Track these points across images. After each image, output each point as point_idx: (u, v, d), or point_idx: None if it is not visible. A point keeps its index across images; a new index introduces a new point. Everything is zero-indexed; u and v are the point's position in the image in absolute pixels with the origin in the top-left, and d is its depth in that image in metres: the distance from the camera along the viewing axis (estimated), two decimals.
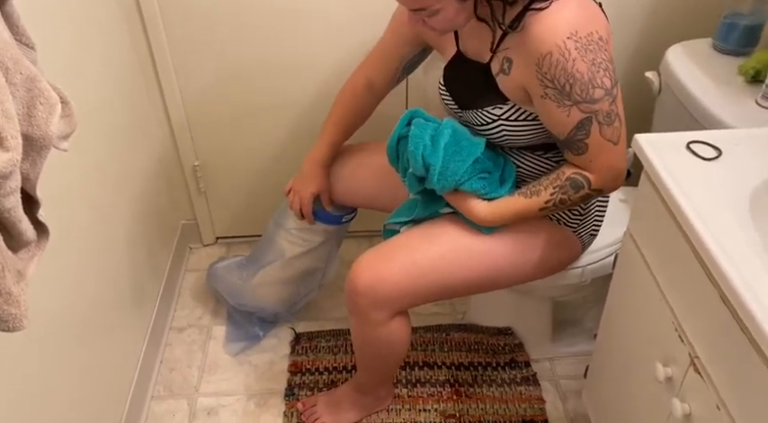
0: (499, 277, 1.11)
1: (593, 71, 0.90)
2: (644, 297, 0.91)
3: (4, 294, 0.64)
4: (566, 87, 0.92)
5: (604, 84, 0.92)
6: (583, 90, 0.91)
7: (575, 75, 0.90)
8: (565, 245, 1.14)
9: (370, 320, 1.11)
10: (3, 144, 0.62)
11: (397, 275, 1.07)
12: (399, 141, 1.11)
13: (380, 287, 1.07)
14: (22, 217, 0.70)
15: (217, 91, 1.53)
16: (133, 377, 1.35)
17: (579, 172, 1.00)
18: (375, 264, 1.08)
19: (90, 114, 1.17)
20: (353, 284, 1.09)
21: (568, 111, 0.94)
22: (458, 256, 1.07)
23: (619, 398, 1.03)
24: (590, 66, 0.90)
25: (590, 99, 0.92)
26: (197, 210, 1.75)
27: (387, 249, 1.10)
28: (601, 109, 0.93)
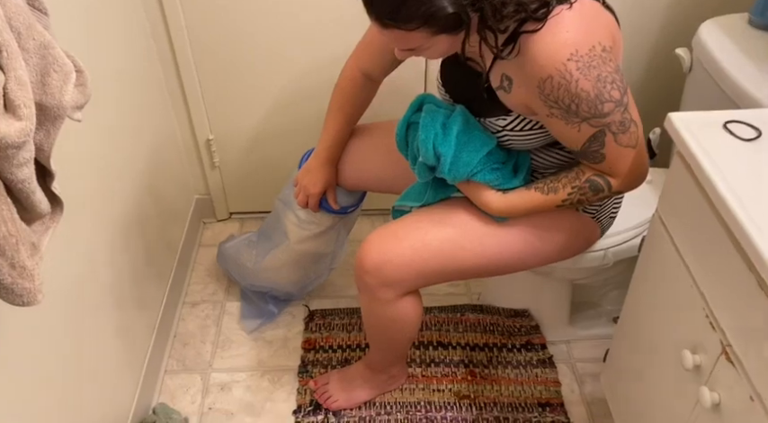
0: (511, 262, 1.08)
1: (600, 87, 0.85)
2: (672, 282, 0.88)
3: (18, 268, 0.62)
4: (571, 107, 0.87)
5: (613, 96, 0.87)
6: (591, 107, 0.87)
7: (580, 94, 0.85)
8: (582, 229, 1.10)
9: (379, 299, 1.09)
10: (16, 112, 0.60)
11: (406, 256, 1.04)
12: (409, 128, 1.07)
13: (388, 267, 1.05)
14: (36, 189, 0.68)
15: (232, 64, 1.50)
16: (147, 351, 1.35)
17: (599, 175, 0.96)
18: (384, 243, 1.06)
19: (103, 85, 1.15)
20: (361, 263, 1.07)
21: (578, 127, 0.89)
22: (468, 240, 1.04)
23: (640, 384, 1.00)
24: (595, 83, 0.85)
25: (599, 114, 0.87)
26: (211, 184, 1.74)
27: (396, 229, 1.08)
28: (613, 121, 0.88)
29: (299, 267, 1.44)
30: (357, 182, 1.30)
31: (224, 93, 1.56)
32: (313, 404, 1.35)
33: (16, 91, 0.60)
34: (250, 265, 1.47)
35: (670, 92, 1.48)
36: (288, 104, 1.58)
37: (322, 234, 1.37)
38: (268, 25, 1.44)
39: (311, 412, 1.33)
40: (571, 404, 1.34)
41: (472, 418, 1.32)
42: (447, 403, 1.34)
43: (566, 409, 1.33)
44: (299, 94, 1.56)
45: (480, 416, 1.32)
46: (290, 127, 1.62)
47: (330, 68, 1.50)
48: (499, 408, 1.33)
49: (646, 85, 1.54)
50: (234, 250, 1.52)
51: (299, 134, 1.62)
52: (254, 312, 1.53)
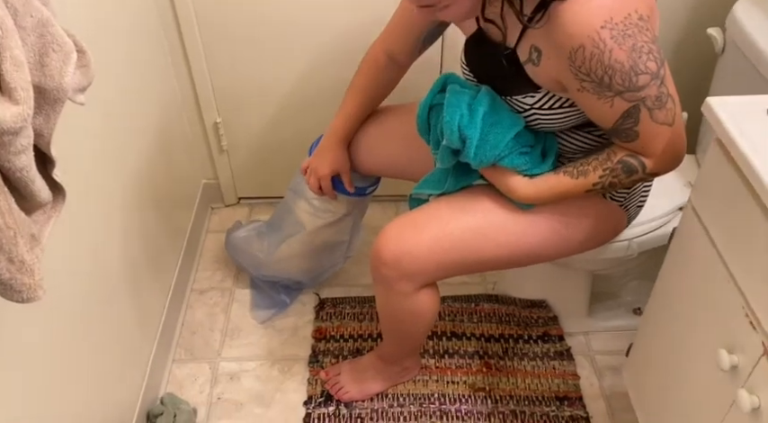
0: (535, 253, 1.03)
1: (635, 58, 0.79)
2: (707, 277, 0.84)
3: (16, 262, 0.59)
4: (604, 79, 0.81)
5: (649, 68, 0.81)
6: (625, 79, 0.81)
7: (613, 66, 0.80)
8: (610, 218, 1.06)
9: (396, 291, 1.05)
10: (12, 96, 0.55)
11: (426, 247, 1.00)
12: (431, 110, 1.01)
13: (407, 259, 1.00)
14: (35, 177, 0.64)
15: (240, 45, 1.45)
16: (154, 339, 1.32)
17: (632, 154, 0.90)
18: (403, 234, 1.01)
19: (106, 67, 1.10)
20: (379, 254, 1.02)
21: (611, 102, 0.84)
22: (491, 230, 1.00)
23: (668, 381, 0.96)
24: (630, 53, 0.79)
25: (634, 87, 0.82)
26: (219, 169, 1.69)
27: (416, 219, 1.03)
28: (648, 95, 0.83)
29: (314, 257, 1.40)
30: (371, 167, 1.25)
31: (232, 74, 1.50)
32: (324, 395, 1.32)
33: (12, 73, 0.56)
34: (262, 255, 1.43)
35: (699, 74, 1.42)
36: (298, 87, 1.53)
37: (337, 222, 1.32)
38: (279, 3, 1.38)
39: (322, 403, 1.31)
40: (590, 398, 1.31)
41: (487, 411, 1.28)
42: (461, 396, 1.31)
43: (584, 402, 1.30)
44: (310, 76, 1.51)
45: (496, 409, 1.29)
46: (300, 110, 1.57)
47: (343, 49, 1.46)
48: (515, 401, 1.30)
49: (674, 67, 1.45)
50: (244, 240, 1.48)
51: (310, 117, 1.57)
52: (265, 302, 1.50)
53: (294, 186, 1.34)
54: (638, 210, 1.11)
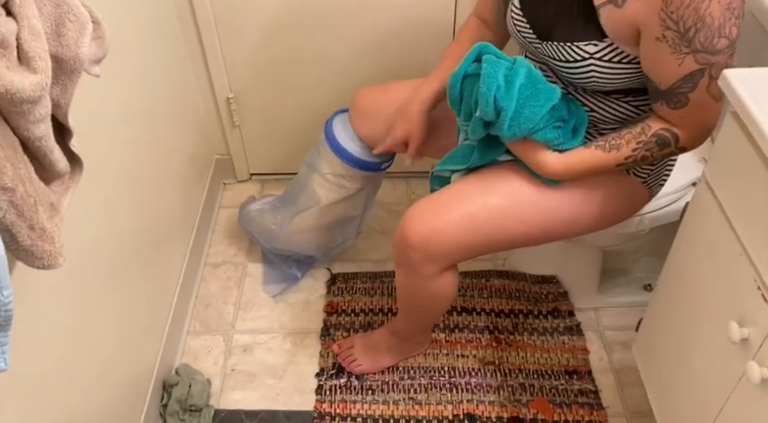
0: (560, 229, 1.03)
1: (726, 18, 0.78)
2: (719, 251, 0.83)
3: (37, 230, 0.60)
4: (690, 32, 0.80)
5: (731, 33, 0.80)
6: (707, 38, 0.80)
7: (705, 18, 0.78)
8: (632, 195, 1.05)
9: (421, 274, 1.04)
10: (30, 65, 0.56)
11: (453, 228, 0.99)
12: (464, 80, 0.98)
13: (435, 241, 0.99)
14: (53, 147, 0.65)
15: (253, 19, 1.45)
16: (169, 312, 1.34)
17: (668, 128, 0.89)
18: (429, 216, 1.00)
19: (120, 41, 1.10)
20: (405, 237, 1.00)
21: (683, 59, 0.82)
22: (518, 208, 0.99)
23: (678, 354, 0.97)
24: (724, 10, 0.78)
25: (711, 49, 0.80)
26: (231, 145, 1.70)
27: (441, 200, 1.01)
28: (718, 62, 0.82)
29: (328, 231, 1.41)
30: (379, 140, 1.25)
31: (244, 49, 1.50)
32: (336, 367, 1.34)
33: (30, 42, 0.56)
34: (275, 228, 1.44)
35: None
36: (311, 61, 1.52)
37: (351, 197, 1.33)
38: None
39: (334, 375, 1.33)
40: (599, 372, 1.32)
41: (497, 384, 1.30)
42: (471, 369, 1.33)
43: (593, 376, 1.31)
44: (323, 50, 1.50)
45: (505, 382, 1.30)
46: (313, 85, 1.57)
47: (355, 25, 1.45)
48: (524, 374, 1.31)
49: None
50: (258, 213, 1.49)
51: (323, 92, 1.57)
52: (277, 276, 1.51)
53: (310, 161, 1.34)
54: (660, 187, 1.10)
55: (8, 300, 0.49)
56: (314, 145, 1.33)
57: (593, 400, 1.27)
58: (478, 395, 1.28)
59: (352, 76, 1.53)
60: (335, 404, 1.28)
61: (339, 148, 1.26)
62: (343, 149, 1.26)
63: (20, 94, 0.54)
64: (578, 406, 1.26)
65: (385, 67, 1.52)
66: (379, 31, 1.47)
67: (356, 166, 1.27)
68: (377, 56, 1.51)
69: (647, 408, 1.08)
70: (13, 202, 0.56)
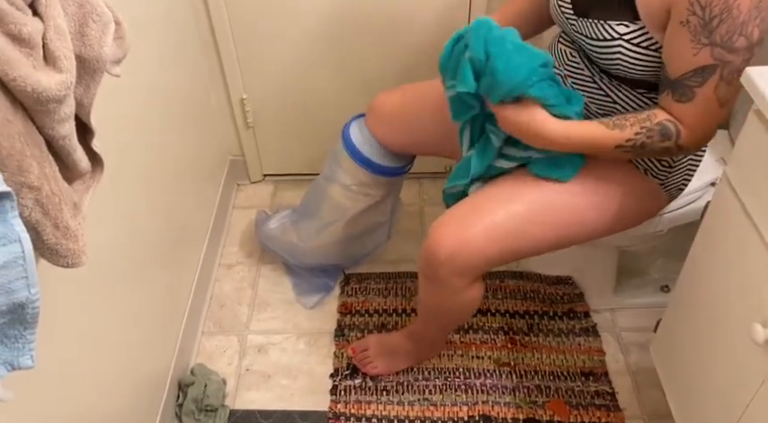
0: (583, 233, 1.02)
1: (753, 15, 0.78)
2: (742, 251, 0.83)
3: (62, 228, 0.60)
4: (713, 21, 0.79)
5: (753, 34, 0.79)
6: (729, 32, 0.79)
7: (732, 10, 0.78)
8: (650, 197, 1.04)
9: (449, 288, 1.04)
10: (56, 64, 0.57)
11: (481, 241, 0.97)
12: (456, 43, 0.95)
13: (464, 255, 0.98)
14: (76, 146, 0.66)
15: (267, 22, 1.45)
16: (184, 312, 1.35)
17: (674, 121, 0.89)
18: (456, 230, 0.98)
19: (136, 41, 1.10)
20: (434, 253, 0.99)
21: (699, 50, 0.82)
22: (542, 214, 0.98)
23: (698, 356, 0.96)
24: (753, 7, 0.77)
25: (729, 46, 0.80)
26: (244, 145, 1.70)
27: (465, 213, 1.00)
28: (732, 62, 0.81)
29: (357, 240, 1.41)
30: (405, 146, 1.25)
31: (258, 50, 1.51)
32: (350, 368, 1.34)
33: (56, 41, 0.57)
34: (302, 244, 1.42)
35: None
36: (326, 62, 1.53)
37: (378, 203, 1.33)
38: None
39: (348, 376, 1.32)
40: (615, 374, 1.31)
41: (512, 385, 1.29)
42: (486, 370, 1.32)
43: (610, 378, 1.30)
44: (338, 52, 1.51)
45: (521, 383, 1.29)
46: (327, 86, 1.57)
47: (369, 27, 1.45)
48: (540, 376, 1.31)
49: None
50: (279, 230, 1.47)
51: (338, 94, 1.57)
52: (309, 287, 1.49)
53: (328, 173, 1.33)
54: (680, 192, 1.09)
55: (35, 297, 0.49)
56: (330, 155, 1.32)
57: (609, 402, 1.26)
58: (494, 396, 1.27)
59: (365, 78, 1.54)
60: (350, 405, 1.28)
61: (361, 158, 1.25)
62: (366, 158, 1.25)
63: (46, 93, 0.55)
64: (595, 408, 1.25)
65: (400, 70, 1.51)
66: (396, 34, 1.47)
67: (380, 173, 1.26)
68: (392, 59, 1.51)
69: (664, 410, 1.07)
70: (39, 200, 0.56)
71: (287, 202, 1.72)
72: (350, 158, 1.26)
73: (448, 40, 0.98)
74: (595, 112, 1.01)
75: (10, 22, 0.51)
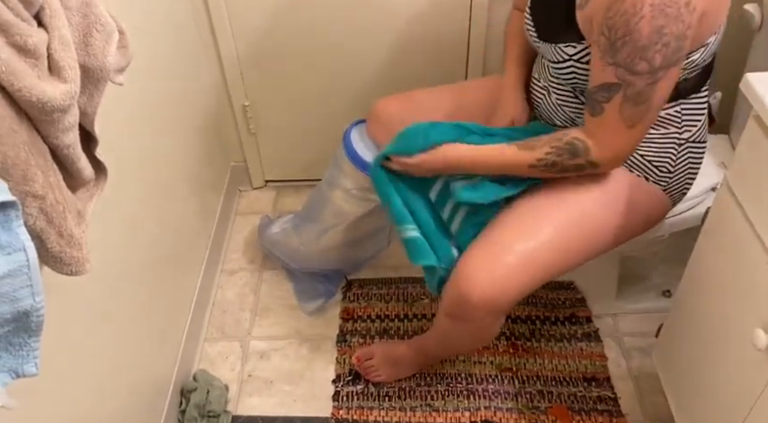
0: (604, 246, 1.02)
1: (653, 40, 0.80)
2: (743, 256, 0.83)
3: (66, 236, 0.61)
4: (617, 43, 0.82)
5: (654, 60, 0.82)
6: (630, 55, 0.82)
7: (633, 34, 0.81)
8: (655, 203, 1.05)
9: (478, 327, 1.04)
10: (60, 74, 0.57)
11: (516, 279, 0.96)
12: None
13: (502, 298, 0.97)
14: (80, 155, 0.66)
15: (268, 29, 1.46)
16: (187, 318, 1.35)
17: (582, 138, 0.92)
18: (488, 271, 0.95)
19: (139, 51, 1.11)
20: (467, 297, 0.96)
21: (605, 67, 0.85)
22: (563, 241, 0.98)
23: (700, 361, 0.96)
24: (653, 32, 0.80)
25: (631, 68, 0.83)
26: (247, 152, 1.71)
27: (493, 251, 0.97)
28: (634, 83, 0.84)
29: (358, 244, 1.42)
30: None
31: (260, 58, 1.52)
32: (352, 373, 1.34)
33: (60, 51, 0.57)
34: (303, 248, 1.43)
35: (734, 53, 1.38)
36: (326, 70, 1.53)
37: (378, 209, 1.32)
38: None
39: (351, 382, 1.33)
40: (618, 379, 1.31)
41: (515, 390, 1.29)
42: (488, 375, 1.32)
43: (612, 383, 1.30)
44: (338, 59, 1.51)
45: (523, 389, 1.29)
46: (328, 94, 1.58)
47: (372, 34, 1.46)
48: (542, 381, 1.31)
49: None
50: (281, 235, 1.48)
51: (338, 101, 1.58)
52: (311, 293, 1.50)
53: (329, 178, 1.34)
54: (682, 196, 1.09)
55: (40, 305, 0.50)
56: (332, 161, 1.33)
57: (612, 408, 1.26)
58: (496, 402, 1.27)
59: (366, 84, 1.54)
60: (353, 410, 1.28)
61: (362, 163, 1.25)
62: (367, 163, 1.25)
63: (51, 102, 0.55)
64: (597, 413, 1.25)
65: (400, 77, 1.52)
66: (396, 40, 1.48)
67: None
68: (392, 65, 1.52)
69: (666, 415, 1.07)
70: (43, 209, 0.57)
71: (288, 207, 1.73)
72: (351, 163, 1.27)
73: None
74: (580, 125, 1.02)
75: (15, 33, 0.52)
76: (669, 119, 0.98)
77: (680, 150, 1.00)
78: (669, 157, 1.00)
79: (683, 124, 0.99)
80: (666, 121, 0.98)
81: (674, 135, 0.99)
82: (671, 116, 0.98)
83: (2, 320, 0.48)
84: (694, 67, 0.91)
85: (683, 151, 1.01)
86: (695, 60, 0.90)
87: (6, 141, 0.52)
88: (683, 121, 0.98)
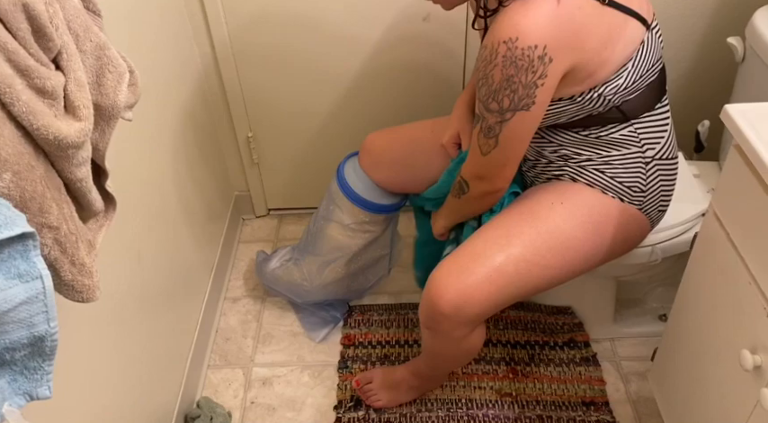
0: (580, 266, 1.05)
1: (503, 86, 0.88)
2: (729, 280, 0.85)
3: (78, 265, 0.64)
4: (480, 81, 0.91)
5: (502, 102, 0.90)
6: (486, 95, 0.91)
7: (488, 78, 0.89)
8: (633, 223, 1.07)
9: (452, 338, 1.06)
10: (75, 113, 0.61)
11: (483, 288, 0.99)
12: None
13: (467, 306, 0.99)
14: (92, 187, 0.70)
15: (272, 64, 1.51)
16: (190, 346, 1.37)
17: (463, 178, 1.06)
18: (457, 281, 0.99)
19: (147, 86, 1.16)
20: (436, 307, 1.00)
21: (478, 100, 0.95)
22: (537, 255, 1.00)
23: (693, 384, 0.98)
24: (502, 80, 0.88)
25: (486, 105, 0.92)
26: (250, 181, 1.75)
27: (464, 261, 1.01)
28: (488, 118, 0.93)
29: (360, 275, 1.44)
30: (397, 184, 1.29)
31: (264, 91, 1.57)
32: (354, 400, 1.35)
33: (76, 92, 0.61)
34: (307, 284, 1.45)
35: (720, 83, 1.43)
36: (327, 102, 1.58)
37: (378, 238, 1.36)
38: (309, 26, 1.44)
39: (352, 408, 1.34)
40: (616, 403, 1.32)
41: (514, 416, 1.30)
42: (488, 401, 1.33)
43: (611, 408, 1.31)
44: (339, 94, 1.56)
45: (523, 414, 1.31)
46: (330, 124, 1.62)
47: (373, 65, 1.51)
48: (542, 406, 1.32)
49: (695, 75, 1.50)
50: (283, 271, 1.49)
51: (339, 133, 1.63)
52: (317, 322, 1.51)
53: (324, 213, 1.36)
54: (661, 214, 1.12)
55: (54, 330, 0.53)
56: (326, 196, 1.36)
57: None
58: None
59: (365, 117, 1.59)
60: None
61: (358, 199, 1.28)
62: (362, 199, 1.28)
63: (66, 140, 0.59)
64: None
65: (396, 110, 1.57)
66: (397, 75, 1.53)
67: (378, 211, 1.30)
68: (389, 99, 1.57)
69: None
70: (58, 239, 0.60)
71: (291, 235, 1.76)
72: (347, 200, 1.30)
73: None
74: (547, 157, 1.08)
75: (36, 76, 0.56)
76: (625, 139, 1.01)
77: (648, 169, 1.03)
78: (639, 177, 1.03)
79: (644, 143, 1.02)
80: (623, 141, 1.01)
81: (636, 154, 1.02)
82: (625, 137, 1.01)
83: (19, 345, 0.51)
84: (624, 90, 0.95)
85: (652, 169, 1.04)
86: (621, 84, 0.94)
87: (25, 176, 0.55)
88: (641, 140, 1.02)
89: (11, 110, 0.54)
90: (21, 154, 0.56)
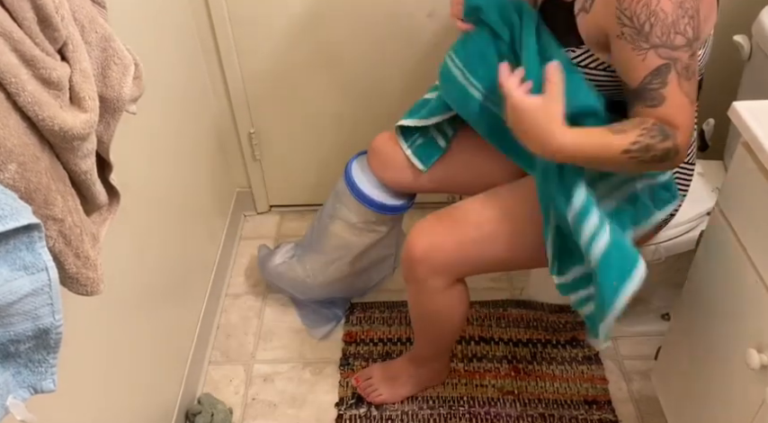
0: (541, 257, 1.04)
1: (679, 14, 0.80)
2: (735, 279, 0.85)
3: (82, 258, 0.63)
4: (645, 27, 0.82)
5: (687, 31, 0.82)
6: (664, 32, 0.81)
7: (658, 13, 0.81)
8: None
9: (428, 288, 1.08)
10: (81, 105, 0.61)
11: (457, 240, 1.03)
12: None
13: (439, 253, 1.04)
14: (96, 180, 0.69)
15: (275, 58, 1.51)
16: (192, 342, 1.37)
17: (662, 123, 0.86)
18: (433, 229, 1.05)
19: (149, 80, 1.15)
20: (411, 252, 1.06)
21: (644, 55, 0.83)
22: (518, 222, 1.02)
23: (697, 383, 0.97)
24: (677, 7, 0.80)
25: (671, 44, 0.82)
26: (252, 178, 1.75)
27: (444, 214, 1.07)
28: (681, 58, 0.83)
29: (364, 274, 1.44)
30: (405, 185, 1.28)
31: (266, 86, 1.56)
32: (355, 397, 1.35)
33: (81, 83, 0.61)
34: (310, 280, 1.44)
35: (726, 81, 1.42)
36: (330, 99, 1.58)
37: (384, 238, 1.35)
38: (314, 19, 1.44)
39: (354, 405, 1.33)
40: (619, 402, 1.31)
41: (516, 414, 1.30)
42: (490, 399, 1.33)
43: (613, 406, 1.30)
44: (341, 90, 1.56)
45: (525, 412, 1.30)
46: (331, 122, 1.62)
47: (373, 63, 1.50)
48: (544, 404, 1.31)
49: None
50: (285, 267, 1.49)
51: (341, 129, 1.62)
52: (319, 319, 1.51)
53: (330, 211, 1.35)
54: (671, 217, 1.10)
55: (59, 323, 0.52)
56: (333, 194, 1.35)
57: None
58: None
59: (368, 115, 1.59)
60: None
61: (366, 198, 1.27)
62: (371, 199, 1.27)
63: (71, 131, 0.58)
64: None
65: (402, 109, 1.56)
66: (401, 72, 1.52)
67: (385, 211, 1.29)
68: (398, 94, 1.56)
69: None
70: (62, 231, 0.60)
71: (292, 231, 1.75)
72: (354, 199, 1.29)
73: None
74: None
75: (41, 67, 0.55)
76: None
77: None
78: None
79: None
80: None
81: None
82: None
83: (24, 337, 0.51)
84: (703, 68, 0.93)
85: (672, 173, 1.02)
86: (703, 58, 0.92)
87: (30, 168, 0.55)
88: None
89: (16, 100, 0.54)
90: (26, 145, 0.55)
